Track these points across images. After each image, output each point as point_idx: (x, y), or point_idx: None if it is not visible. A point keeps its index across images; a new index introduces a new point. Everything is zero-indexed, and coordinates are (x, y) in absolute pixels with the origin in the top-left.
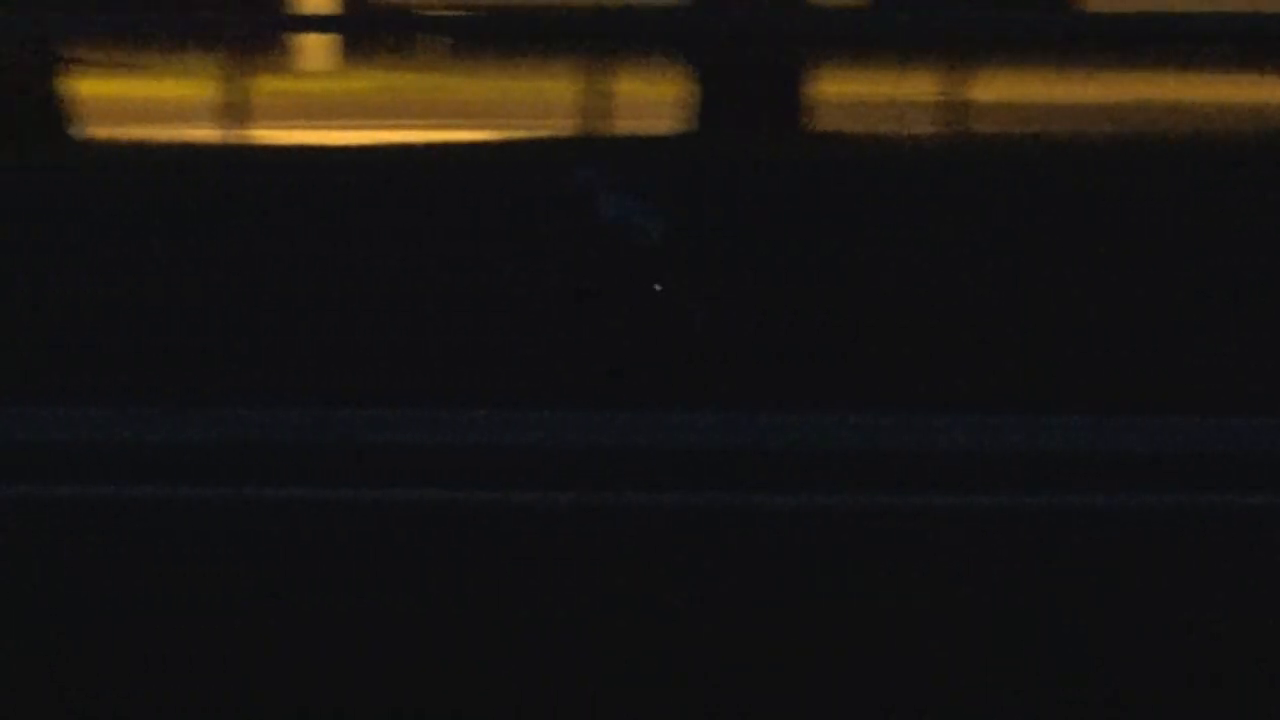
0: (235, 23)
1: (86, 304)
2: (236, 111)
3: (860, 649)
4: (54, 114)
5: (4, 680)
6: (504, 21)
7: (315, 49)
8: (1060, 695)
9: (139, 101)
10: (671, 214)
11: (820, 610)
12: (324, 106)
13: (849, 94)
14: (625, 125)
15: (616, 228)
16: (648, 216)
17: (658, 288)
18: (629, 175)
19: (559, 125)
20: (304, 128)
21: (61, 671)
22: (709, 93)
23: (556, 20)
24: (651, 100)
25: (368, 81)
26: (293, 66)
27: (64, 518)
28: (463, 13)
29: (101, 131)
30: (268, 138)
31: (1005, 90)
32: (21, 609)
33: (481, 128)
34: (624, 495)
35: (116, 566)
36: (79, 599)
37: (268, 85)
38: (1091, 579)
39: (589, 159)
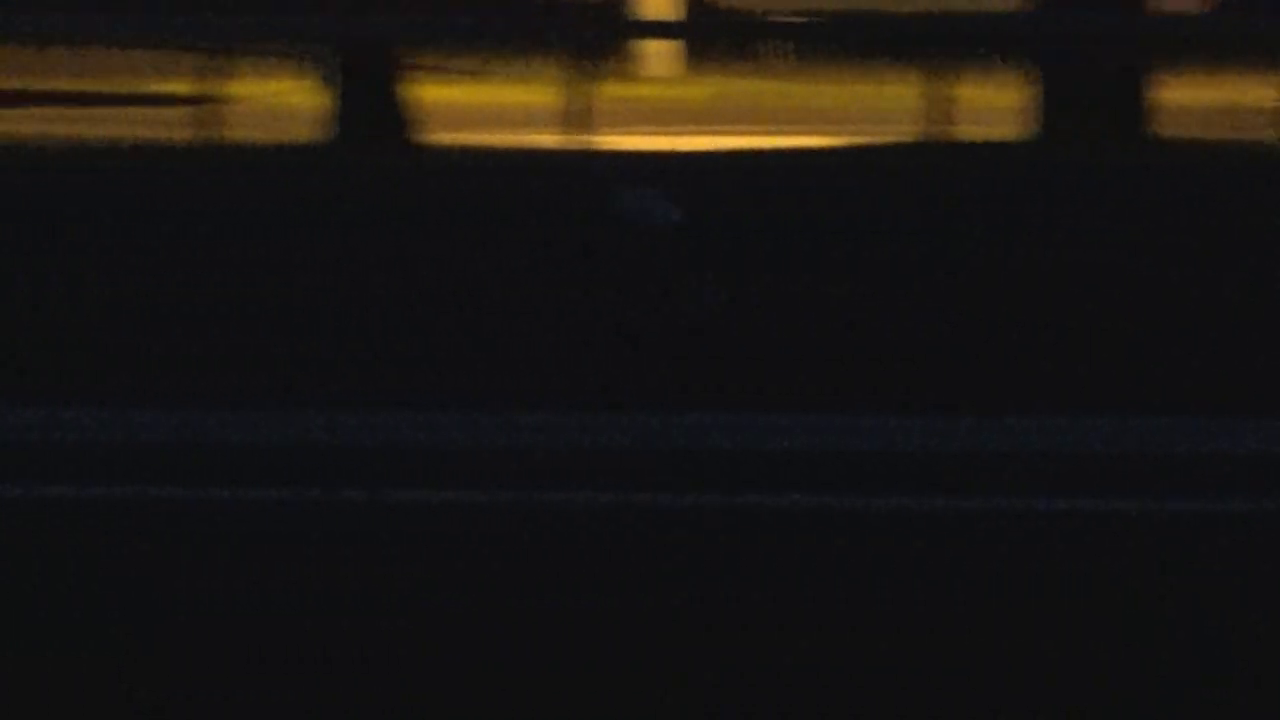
0: (579, 29)
1: (427, 307)
2: (579, 117)
3: (860, 650)
4: (399, 118)
5: (3, 680)
6: (847, 27)
7: (658, 55)
8: (1059, 697)
9: (483, 107)
10: (1015, 221)
11: (820, 611)
12: (665, 112)
13: (1191, 100)
14: (968, 131)
15: (635, 223)
16: (666, 212)
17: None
18: (966, 181)
19: (901, 131)
20: (645, 133)
21: (60, 672)
22: (1052, 98)
23: (899, 25)
24: (994, 106)
25: (710, 87)
26: (635, 72)
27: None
28: (805, 18)
29: (445, 137)
30: (609, 143)
31: None
32: (21, 610)
33: (823, 134)
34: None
35: (117, 567)
36: (78, 600)
37: (610, 91)
38: (1099, 582)
39: (600, 155)
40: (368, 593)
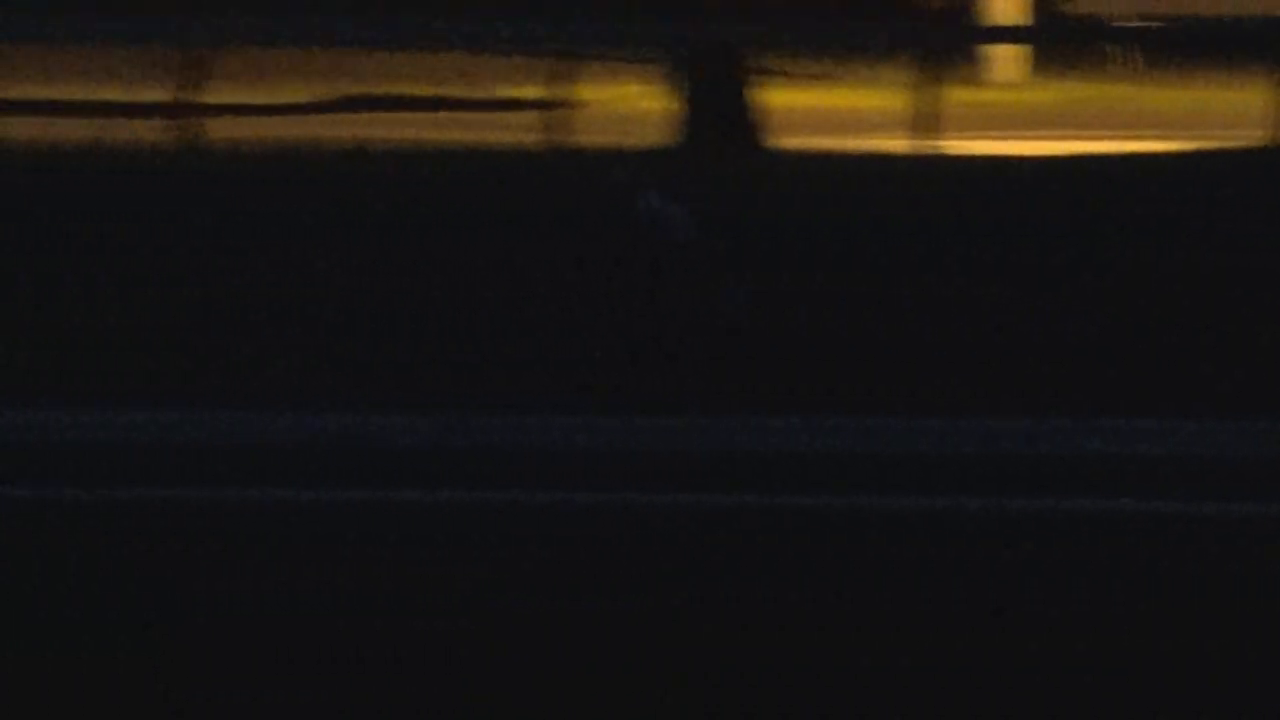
0: (927, 34)
1: (774, 307)
2: (926, 122)
3: (859, 650)
4: (748, 124)
5: (3, 680)
6: (1193, 30)
7: (1006, 60)
8: (1057, 697)
9: (830, 112)
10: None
11: (820, 611)
12: (1012, 117)
13: None
14: None
15: (651, 227)
16: (682, 216)
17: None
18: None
19: (1249, 136)
20: (991, 139)
21: (59, 672)
22: None
23: (1246, 28)
24: None
25: (1058, 92)
26: (983, 77)
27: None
28: (1152, 23)
29: (793, 141)
30: (955, 148)
31: None
32: (21, 611)
33: (1170, 139)
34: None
35: (116, 567)
36: (78, 601)
37: (957, 96)
38: (1096, 583)
39: (626, 160)
40: (374, 593)
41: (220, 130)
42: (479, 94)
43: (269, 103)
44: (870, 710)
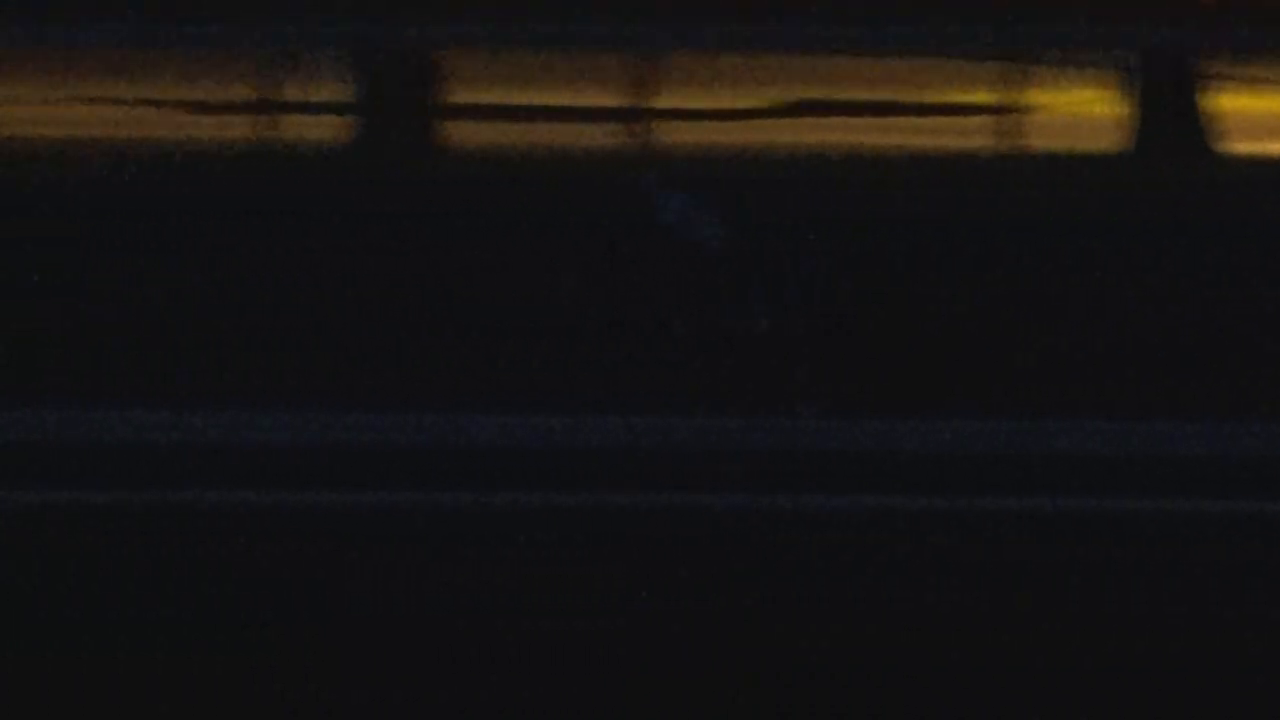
0: None
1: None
2: None
3: (859, 649)
4: (1200, 129)
5: (3, 681)
6: None
7: None
8: (1056, 698)
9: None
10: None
11: (821, 612)
12: None
13: None
14: None
15: (676, 230)
16: (708, 219)
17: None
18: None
19: None
20: None
21: (59, 674)
22: None
23: None
24: None
25: None
26: None
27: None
28: None
29: (1244, 146)
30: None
31: None
32: (20, 612)
33: None
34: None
35: (115, 569)
36: (77, 602)
37: None
38: (1093, 582)
39: (653, 164)
40: (374, 594)
41: (670, 135)
42: (928, 98)
43: (719, 107)
44: (871, 710)
